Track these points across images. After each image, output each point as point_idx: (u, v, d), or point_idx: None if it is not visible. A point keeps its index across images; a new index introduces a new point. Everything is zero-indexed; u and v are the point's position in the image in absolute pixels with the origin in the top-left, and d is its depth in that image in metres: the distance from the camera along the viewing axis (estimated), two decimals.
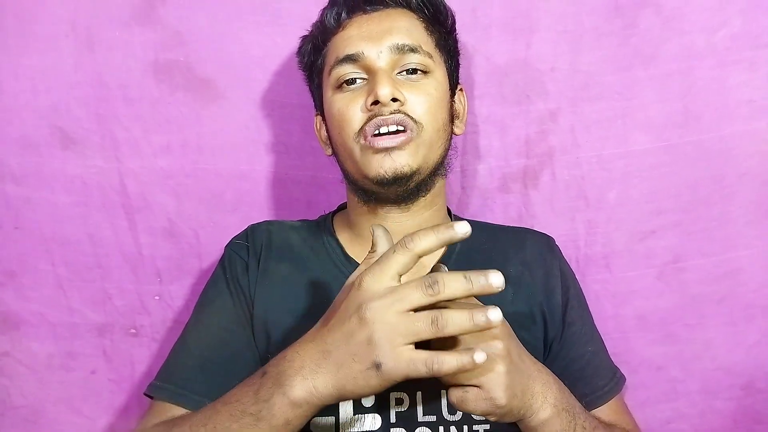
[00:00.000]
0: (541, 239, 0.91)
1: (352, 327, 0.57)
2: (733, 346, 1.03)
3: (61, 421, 1.02)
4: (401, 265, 0.57)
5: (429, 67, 0.80)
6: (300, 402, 0.59)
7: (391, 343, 0.55)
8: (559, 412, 0.65)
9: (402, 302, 0.55)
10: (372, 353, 0.55)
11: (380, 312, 0.55)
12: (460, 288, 0.55)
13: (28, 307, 1.01)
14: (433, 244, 0.57)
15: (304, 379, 0.59)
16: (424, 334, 0.55)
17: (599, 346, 0.88)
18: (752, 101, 0.97)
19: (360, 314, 0.56)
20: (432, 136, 0.78)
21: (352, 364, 0.57)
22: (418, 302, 0.55)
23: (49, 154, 0.98)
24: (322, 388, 0.58)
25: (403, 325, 0.55)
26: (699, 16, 0.96)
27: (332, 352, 0.58)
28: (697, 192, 1.00)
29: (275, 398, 0.59)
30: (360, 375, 0.56)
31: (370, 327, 0.55)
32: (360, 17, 0.81)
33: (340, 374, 0.57)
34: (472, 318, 0.54)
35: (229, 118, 1.00)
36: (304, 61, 0.89)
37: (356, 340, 0.56)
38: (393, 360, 0.55)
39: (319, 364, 0.58)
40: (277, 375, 0.61)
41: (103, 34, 0.96)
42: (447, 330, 0.54)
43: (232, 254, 0.85)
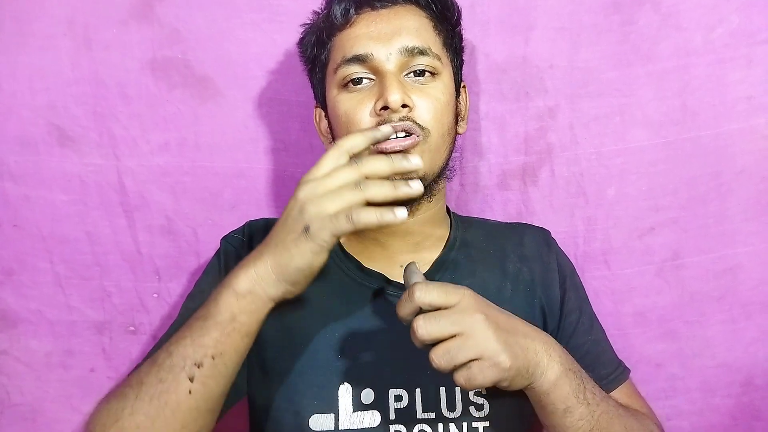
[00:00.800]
0: (538, 233, 0.91)
1: (287, 210, 0.63)
2: (732, 343, 1.03)
3: (59, 419, 1.02)
4: (333, 160, 0.62)
5: (437, 69, 0.79)
6: (243, 292, 0.63)
7: (318, 207, 0.60)
8: (567, 372, 0.66)
9: (330, 179, 0.61)
10: (301, 220, 0.60)
11: (310, 189, 0.61)
12: (382, 163, 0.61)
13: (26, 305, 1.01)
14: (360, 143, 0.63)
15: (246, 268, 0.63)
16: (347, 196, 0.60)
17: (600, 336, 0.88)
18: (750, 98, 0.97)
19: (294, 196, 0.62)
20: (438, 141, 0.78)
21: (285, 237, 0.62)
22: (345, 177, 0.61)
23: (47, 152, 0.98)
24: (262, 271, 0.62)
25: (331, 193, 0.60)
26: (696, 13, 0.96)
27: (272, 237, 0.64)
28: (695, 189, 1.00)
29: (221, 294, 0.64)
30: (292, 244, 0.61)
31: (301, 201, 0.61)
32: (368, 14, 0.79)
33: (277, 251, 0.62)
34: (393, 185, 0.60)
35: (227, 116, 1.00)
36: (306, 54, 0.87)
37: (290, 217, 0.62)
38: (318, 219, 0.60)
39: (260, 251, 0.64)
40: (226, 277, 0.65)
41: (101, 32, 0.96)
42: (368, 191, 0.60)
43: (227, 246, 0.85)
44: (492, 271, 0.84)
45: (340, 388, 0.74)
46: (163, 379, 0.62)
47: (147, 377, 0.63)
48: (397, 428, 0.73)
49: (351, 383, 0.74)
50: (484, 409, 0.74)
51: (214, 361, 0.62)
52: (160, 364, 0.63)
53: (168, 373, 0.62)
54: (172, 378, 0.62)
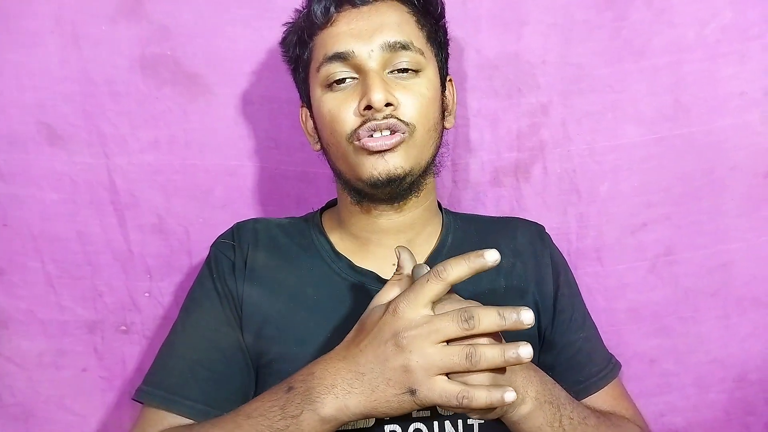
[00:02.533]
0: (531, 228, 0.91)
1: (387, 353, 0.59)
2: (726, 338, 1.03)
3: (51, 419, 1.02)
4: (435, 293, 0.59)
5: (421, 65, 0.78)
6: (330, 419, 0.61)
7: (427, 372, 0.58)
8: (542, 405, 0.65)
9: (438, 333, 0.58)
10: (408, 380, 0.58)
11: (417, 341, 0.58)
12: (493, 324, 0.58)
13: (17, 304, 1.00)
14: (464, 273, 0.59)
15: (335, 398, 0.61)
16: (458, 367, 0.58)
17: (592, 332, 0.88)
18: (742, 94, 0.97)
19: (396, 341, 0.59)
20: (423, 136, 0.78)
21: (386, 389, 0.59)
22: (454, 335, 0.58)
23: (36, 150, 0.97)
24: (353, 408, 0.60)
25: (439, 356, 0.58)
26: (689, 9, 0.96)
27: (366, 374, 0.60)
28: (688, 185, 1.00)
29: (305, 414, 0.61)
30: (394, 399, 0.59)
31: (407, 355, 0.58)
32: (349, 11, 0.78)
33: (374, 396, 0.60)
34: (503, 354, 0.57)
35: (216, 114, 0.99)
36: (289, 54, 0.87)
37: (392, 365, 0.59)
38: (427, 389, 0.58)
39: (352, 385, 0.61)
40: (306, 391, 0.62)
41: (89, 30, 0.95)
42: (480, 365, 0.57)
43: (218, 254, 0.84)
44: None
45: None
46: None
47: None
48: (392, 428, 0.73)
49: None
50: None
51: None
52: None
53: None
54: None
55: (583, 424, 0.70)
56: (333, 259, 0.83)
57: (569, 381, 0.82)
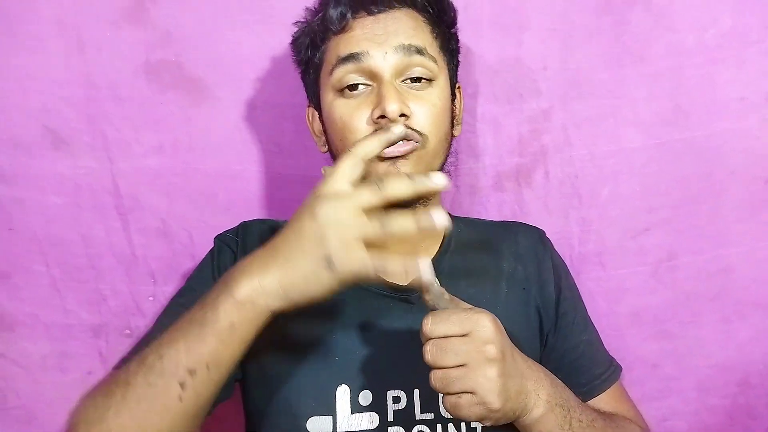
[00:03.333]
0: (532, 232, 0.91)
1: (303, 224, 0.58)
2: (727, 343, 1.03)
3: (56, 423, 1.02)
4: (349, 169, 0.59)
5: (434, 74, 0.77)
6: (244, 300, 0.58)
7: (342, 238, 0.56)
8: (553, 408, 0.65)
9: (352, 200, 0.57)
10: (322, 248, 0.56)
11: (332, 208, 0.57)
12: (404, 185, 0.58)
13: (22, 308, 1.01)
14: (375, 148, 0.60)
15: (250, 277, 0.59)
16: (371, 231, 0.57)
17: (593, 335, 0.88)
18: (742, 99, 0.97)
19: (312, 211, 0.57)
20: (436, 146, 0.77)
21: (301, 260, 0.57)
22: (368, 200, 0.57)
23: (40, 154, 0.97)
24: (267, 285, 0.58)
25: (354, 221, 0.56)
26: (689, 14, 0.96)
27: (281, 248, 0.59)
28: (688, 189, 1.00)
29: (219, 299, 0.59)
30: (311, 272, 0.57)
31: (321, 222, 0.57)
32: (364, 18, 0.77)
33: (289, 269, 0.58)
34: (417, 219, 0.57)
35: (220, 118, 0.99)
36: (299, 55, 0.85)
37: (307, 235, 0.57)
38: (344, 255, 0.56)
39: (266, 262, 0.59)
40: (224, 279, 0.61)
41: (93, 34, 0.96)
42: (392, 228, 0.57)
43: (221, 245, 0.84)
44: (487, 270, 0.84)
45: (337, 390, 0.74)
46: (153, 383, 0.60)
47: (135, 378, 0.61)
48: (396, 430, 0.73)
49: (349, 385, 0.74)
50: None
51: (209, 370, 0.60)
52: (150, 366, 0.60)
53: (158, 378, 0.60)
54: (162, 383, 0.60)
55: (591, 426, 0.70)
56: None
57: (572, 384, 0.82)
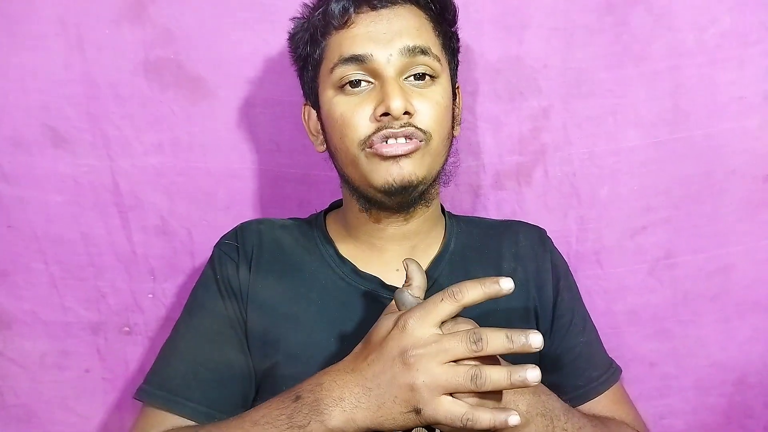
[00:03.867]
0: (533, 232, 0.91)
1: (395, 370, 0.60)
2: (726, 342, 1.04)
3: (54, 420, 1.03)
4: (446, 313, 0.60)
5: (437, 72, 0.77)
6: (336, 430, 0.61)
7: (432, 392, 0.58)
8: (533, 418, 0.65)
9: (446, 354, 0.58)
10: (413, 399, 0.59)
11: (424, 360, 0.58)
12: (501, 346, 0.58)
13: (21, 306, 1.01)
14: (479, 297, 0.59)
15: (343, 411, 0.61)
16: (463, 388, 0.58)
17: (592, 337, 0.88)
18: (741, 98, 0.98)
19: (404, 359, 0.59)
20: (438, 145, 0.77)
21: (392, 405, 0.60)
22: (461, 355, 0.58)
23: (41, 153, 0.97)
24: (359, 422, 0.61)
25: (445, 376, 0.58)
26: (689, 14, 0.96)
27: (373, 390, 0.61)
28: (688, 188, 1.00)
29: (312, 425, 0.62)
30: (399, 416, 0.60)
31: (413, 374, 0.58)
32: (367, 14, 0.76)
33: (380, 413, 0.60)
34: (509, 377, 0.57)
35: (220, 117, 0.99)
36: (297, 51, 0.84)
37: (398, 383, 0.59)
38: (433, 409, 0.58)
39: (359, 399, 0.61)
40: (314, 402, 0.63)
41: (93, 33, 0.96)
42: (485, 387, 0.57)
43: (221, 254, 0.84)
44: (487, 270, 0.84)
45: None
46: None
47: None
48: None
49: None
50: None
51: None
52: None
53: None
54: None
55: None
56: (337, 264, 0.83)
57: (569, 386, 0.82)
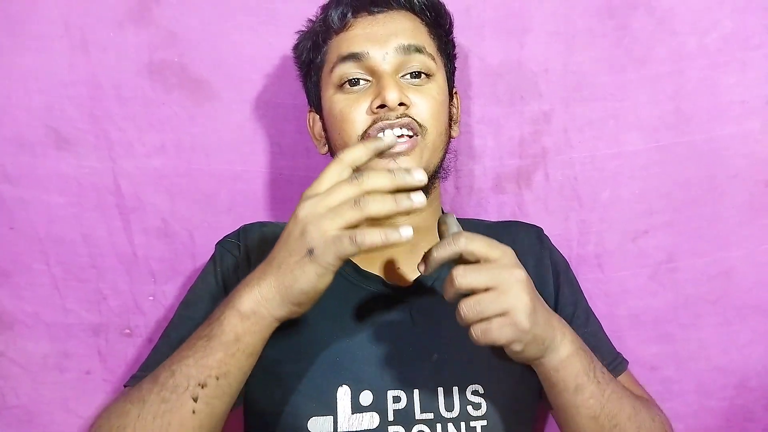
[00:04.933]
0: (530, 231, 0.92)
1: (289, 229, 0.61)
2: (727, 345, 1.03)
3: (55, 422, 1.02)
4: (335, 174, 0.61)
5: (432, 71, 0.80)
6: (248, 313, 0.61)
7: (320, 228, 0.58)
8: (578, 350, 0.65)
9: (330, 196, 0.59)
10: (304, 241, 0.59)
11: (311, 207, 0.59)
12: (383, 179, 0.59)
13: (22, 307, 1.01)
14: (362, 154, 0.61)
15: (250, 288, 0.62)
16: (348, 214, 0.58)
17: (596, 328, 0.88)
18: (743, 102, 0.98)
19: (295, 213, 0.60)
20: (435, 139, 0.79)
21: (288, 259, 0.60)
22: (345, 194, 0.59)
23: (43, 154, 0.98)
24: (266, 292, 0.61)
25: (331, 212, 0.58)
26: (690, 18, 0.97)
27: (274, 257, 0.62)
28: (689, 192, 1.00)
29: (225, 314, 0.62)
30: (296, 266, 0.59)
31: (302, 221, 0.59)
32: (364, 18, 0.81)
33: (280, 272, 0.60)
34: (395, 200, 0.58)
35: (223, 119, 1.00)
36: (301, 58, 0.88)
37: (292, 237, 0.60)
38: (322, 242, 0.58)
39: (263, 272, 0.62)
40: (230, 295, 0.64)
41: (97, 35, 0.96)
42: (369, 209, 0.58)
43: (223, 251, 0.85)
44: None
45: (338, 391, 0.74)
46: (166, 399, 0.62)
47: (149, 395, 0.63)
48: (396, 429, 0.73)
49: (349, 385, 0.74)
50: (481, 409, 0.74)
51: (218, 382, 0.62)
52: (163, 383, 0.62)
53: (171, 393, 0.62)
54: (175, 398, 0.61)
55: (614, 382, 0.71)
56: None
57: None
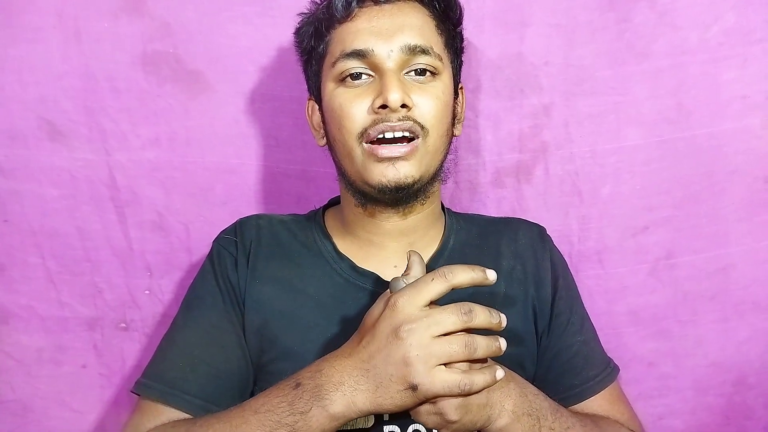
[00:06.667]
0: (533, 229, 0.91)
1: (390, 348, 0.61)
2: (725, 342, 1.03)
3: (50, 416, 1.02)
4: (436, 292, 0.62)
5: (438, 69, 0.78)
6: (338, 416, 0.63)
7: (426, 364, 0.60)
8: (519, 418, 0.66)
9: (437, 326, 0.60)
10: (409, 374, 0.60)
11: (416, 333, 0.60)
12: (487, 318, 0.62)
13: (17, 300, 1.00)
14: (467, 281, 0.62)
15: (344, 395, 0.62)
16: (457, 356, 0.60)
17: (590, 336, 0.87)
18: (744, 97, 0.97)
19: (397, 335, 0.60)
20: (436, 142, 0.77)
21: (389, 384, 0.61)
22: (453, 327, 0.60)
23: (37, 146, 0.97)
24: (360, 404, 0.62)
25: (438, 346, 0.60)
26: (692, 12, 0.96)
27: (370, 371, 0.62)
28: (689, 188, 1.00)
29: (313, 411, 0.62)
30: (397, 395, 0.61)
31: (407, 348, 0.60)
32: (370, 8, 0.77)
33: (379, 393, 0.61)
34: (495, 342, 0.62)
35: (218, 111, 0.99)
36: (302, 45, 0.85)
37: (393, 359, 0.61)
38: (428, 381, 0.60)
39: (358, 382, 0.62)
40: (314, 388, 0.63)
41: (91, 26, 0.95)
42: (478, 353, 0.61)
43: (220, 249, 0.84)
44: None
45: None
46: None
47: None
48: (391, 428, 0.73)
49: None
50: None
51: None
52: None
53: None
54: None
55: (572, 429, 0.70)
56: (335, 260, 0.82)
57: (565, 384, 0.82)
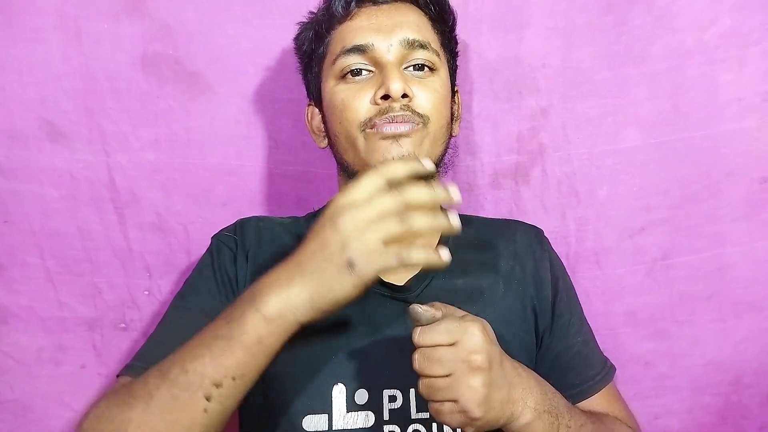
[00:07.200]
0: (530, 231, 0.92)
1: (326, 236, 0.59)
2: (722, 342, 1.04)
3: (49, 416, 1.02)
4: (372, 185, 0.60)
5: (436, 65, 0.80)
6: (273, 316, 0.59)
7: (363, 241, 0.57)
8: (540, 415, 0.65)
9: (373, 207, 0.58)
10: (345, 253, 0.58)
11: (352, 216, 0.58)
12: (424, 193, 0.59)
13: (17, 300, 1.00)
14: (401, 172, 0.60)
15: (278, 292, 0.59)
16: (393, 228, 0.58)
17: (589, 336, 0.88)
18: (741, 100, 0.98)
19: (333, 222, 0.59)
20: (437, 131, 0.78)
21: (325, 267, 0.58)
22: (387, 206, 0.58)
23: (37, 147, 0.97)
24: (294, 298, 0.59)
25: (374, 225, 0.58)
26: (689, 14, 0.96)
27: (306, 261, 0.60)
28: (686, 189, 1.00)
29: (247, 315, 0.59)
30: (334, 276, 0.58)
31: (343, 231, 0.58)
32: (369, 8, 0.80)
33: (314, 280, 0.59)
34: (435, 218, 0.59)
35: (218, 113, 0.99)
36: (302, 49, 0.87)
37: (330, 245, 0.58)
38: (365, 255, 0.57)
39: (292, 276, 0.60)
40: (249, 294, 0.61)
41: (92, 26, 0.95)
42: (415, 223, 0.58)
43: (220, 244, 0.84)
44: (484, 269, 0.84)
45: (333, 389, 0.74)
46: (177, 396, 0.59)
47: (157, 391, 0.60)
48: (391, 428, 0.73)
49: (345, 384, 0.74)
50: None
51: (235, 382, 0.60)
52: (173, 380, 0.60)
53: (183, 391, 0.59)
54: (187, 396, 0.59)
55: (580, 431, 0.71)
56: None
57: (565, 384, 0.82)
